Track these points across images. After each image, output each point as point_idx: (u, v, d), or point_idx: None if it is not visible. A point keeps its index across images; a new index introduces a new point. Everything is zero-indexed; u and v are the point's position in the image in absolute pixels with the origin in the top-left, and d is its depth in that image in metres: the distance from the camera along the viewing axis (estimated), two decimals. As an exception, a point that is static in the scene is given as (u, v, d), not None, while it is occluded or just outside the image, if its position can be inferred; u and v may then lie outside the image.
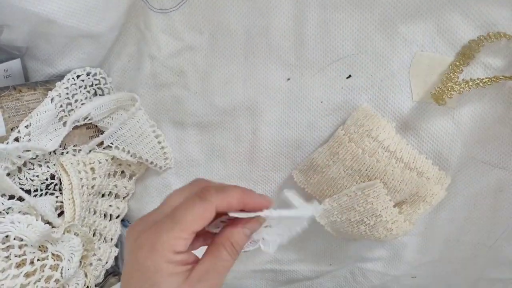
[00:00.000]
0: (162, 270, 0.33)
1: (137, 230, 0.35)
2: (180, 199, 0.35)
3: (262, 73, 0.53)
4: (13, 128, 0.48)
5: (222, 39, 0.53)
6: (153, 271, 0.33)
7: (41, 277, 0.46)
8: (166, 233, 0.33)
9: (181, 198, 0.36)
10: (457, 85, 0.47)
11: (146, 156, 0.56)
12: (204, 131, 0.56)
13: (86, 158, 0.53)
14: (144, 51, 0.55)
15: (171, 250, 0.33)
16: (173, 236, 0.33)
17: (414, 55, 0.49)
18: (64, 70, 0.53)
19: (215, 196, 0.34)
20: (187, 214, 0.33)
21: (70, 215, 0.50)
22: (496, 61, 0.48)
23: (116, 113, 0.55)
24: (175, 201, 0.36)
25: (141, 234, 0.34)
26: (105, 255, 0.58)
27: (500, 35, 0.46)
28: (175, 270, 0.33)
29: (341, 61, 0.51)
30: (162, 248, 0.33)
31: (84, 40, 0.51)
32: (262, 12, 0.51)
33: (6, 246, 0.44)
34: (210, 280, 0.34)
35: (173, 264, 0.33)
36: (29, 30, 0.48)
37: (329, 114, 0.52)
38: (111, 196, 0.58)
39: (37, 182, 0.50)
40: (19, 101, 0.49)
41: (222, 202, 0.34)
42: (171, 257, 0.33)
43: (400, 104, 0.50)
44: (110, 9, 0.51)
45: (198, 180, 0.38)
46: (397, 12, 0.49)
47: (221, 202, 0.34)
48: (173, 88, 0.55)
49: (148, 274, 0.33)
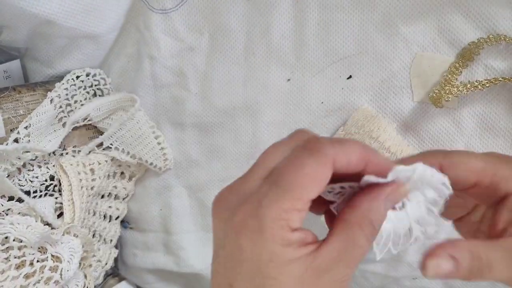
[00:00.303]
0: (278, 257, 0.24)
1: (229, 205, 0.26)
2: (279, 156, 0.26)
3: (262, 73, 0.53)
4: (13, 129, 0.48)
5: (222, 40, 0.53)
6: (265, 261, 0.24)
7: (41, 279, 0.46)
8: (274, 206, 0.24)
9: (280, 155, 0.26)
10: (455, 87, 0.47)
11: (146, 157, 0.56)
12: (204, 132, 0.56)
13: (85, 159, 0.53)
14: (144, 51, 0.54)
15: (286, 228, 0.24)
16: (284, 208, 0.24)
17: (414, 56, 0.49)
18: (64, 71, 0.53)
19: (330, 147, 0.24)
20: (297, 175, 0.24)
21: (70, 216, 0.50)
22: (497, 63, 0.48)
23: (115, 114, 0.55)
24: (273, 160, 0.26)
25: (237, 211, 0.25)
26: (104, 256, 0.58)
27: (500, 37, 0.46)
28: (295, 254, 0.24)
29: (341, 61, 0.51)
30: (273, 227, 0.24)
31: (83, 41, 0.51)
32: (262, 12, 0.51)
33: (6, 248, 0.44)
34: (342, 271, 0.25)
35: (292, 247, 0.24)
36: (28, 31, 0.48)
37: (330, 115, 0.52)
38: (110, 197, 0.58)
39: (37, 183, 0.50)
40: (18, 102, 0.49)
41: (341, 157, 0.24)
42: (287, 237, 0.24)
43: (401, 104, 0.50)
44: (110, 9, 0.51)
45: (300, 131, 0.28)
46: (398, 13, 0.48)
47: (339, 157, 0.24)
48: (172, 88, 0.55)
49: (258, 264, 0.24)
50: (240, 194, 0.25)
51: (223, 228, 0.26)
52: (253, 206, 0.24)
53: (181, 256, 0.60)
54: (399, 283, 0.59)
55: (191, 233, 0.60)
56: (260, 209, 0.24)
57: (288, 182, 0.24)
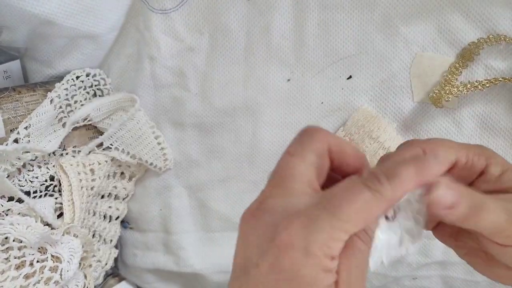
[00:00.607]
0: (319, 283, 0.24)
1: (267, 221, 0.25)
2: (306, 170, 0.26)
3: (262, 73, 0.53)
4: (13, 130, 0.48)
5: (222, 40, 0.53)
6: (308, 283, 0.24)
7: (41, 279, 0.46)
8: (325, 233, 0.24)
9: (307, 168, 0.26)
10: (455, 87, 0.47)
11: (146, 157, 0.56)
12: (204, 132, 0.56)
13: (85, 160, 0.53)
14: (144, 52, 0.54)
15: (328, 255, 0.24)
16: (334, 238, 0.24)
17: (414, 56, 0.49)
18: (64, 71, 0.53)
19: (388, 188, 0.24)
20: (351, 205, 0.24)
21: (70, 217, 0.50)
22: (497, 63, 0.48)
23: (115, 114, 0.55)
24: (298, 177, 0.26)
25: (282, 229, 0.24)
26: (104, 256, 0.58)
27: (500, 37, 0.46)
28: (329, 281, 0.24)
29: (341, 61, 0.51)
30: (320, 252, 0.24)
31: (83, 41, 0.51)
32: (262, 12, 0.51)
33: (6, 248, 0.44)
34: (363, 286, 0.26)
35: (331, 273, 0.24)
36: (28, 31, 0.48)
37: (330, 115, 0.52)
38: (110, 197, 0.58)
39: (37, 184, 0.50)
40: (18, 102, 0.49)
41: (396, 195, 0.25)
42: (328, 264, 0.24)
43: (401, 105, 0.50)
44: (110, 9, 0.51)
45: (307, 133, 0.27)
46: (398, 13, 0.48)
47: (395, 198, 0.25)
48: (172, 89, 0.55)
49: (302, 286, 0.24)
50: (280, 210, 0.25)
51: (259, 245, 0.25)
52: (303, 228, 0.24)
53: (181, 256, 0.60)
54: (399, 283, 0.59)
55: (191, 233, 0.60)
56: (310, 233, 0.24)
57: (344, 214, 0.24)
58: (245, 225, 0.26)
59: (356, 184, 0.25)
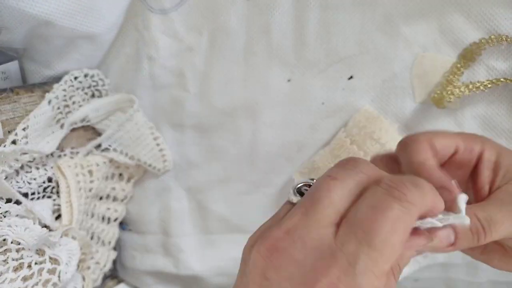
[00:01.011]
0: None
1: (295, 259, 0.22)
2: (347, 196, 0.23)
3: (262, 74, 0.52)
4: (11, 131, 0.48)
5: (221, 40, 0.52)
6: None
7: (39, 281, 0.46)
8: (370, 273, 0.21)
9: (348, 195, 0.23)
10: (457, 88, 0.47)
11: (145, 158, 0.56)
12: (203, 133, 0.56)
13: (83, 161, 0.52)
14: (143, 52, 0.54)
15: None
16: (377, 275, 0.21)
17: (416, 56, 0.49)
18: (62, 72, 0.53)
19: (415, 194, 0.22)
20: (389, 231, 0.21)
21: (68, 219, 0.50)
22: (498, 63, 0.48)
23: (114, 115, 0.55)
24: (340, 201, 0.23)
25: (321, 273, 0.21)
26: (103, 258, 0.57)
27: (502, 38, 0.46)
28: None
29: (342, 62, 0.51)
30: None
31: (81, 41, 0.51)
32: (262, 12, 0.51)
33: (4, 250, 0.44)
34: None
35: None
36: (26, 31, 0.48)
37: (331, 116, 0.52)
38: (109, 199, 0.58)
39: (35, 185, 0.50)
40: (16, 104, 0.48)
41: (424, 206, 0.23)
42: None
43: (403, 105, 0.50)
44: (108, 9, 0.50)
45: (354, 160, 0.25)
46: (399, 13, 0.48)
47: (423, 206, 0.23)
48: (172, 89, 0.55)
49: None
50: (310, 246, 0.22)
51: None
52: (345, 270, 0.21)
53: (180, 258, 0.60)
54: (400, 285, 0.59)
55: (190, 235, 0.60)
56: (355, 276, 0.21)
57: (381, 241, 0.21)
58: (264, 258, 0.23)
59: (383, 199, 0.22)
